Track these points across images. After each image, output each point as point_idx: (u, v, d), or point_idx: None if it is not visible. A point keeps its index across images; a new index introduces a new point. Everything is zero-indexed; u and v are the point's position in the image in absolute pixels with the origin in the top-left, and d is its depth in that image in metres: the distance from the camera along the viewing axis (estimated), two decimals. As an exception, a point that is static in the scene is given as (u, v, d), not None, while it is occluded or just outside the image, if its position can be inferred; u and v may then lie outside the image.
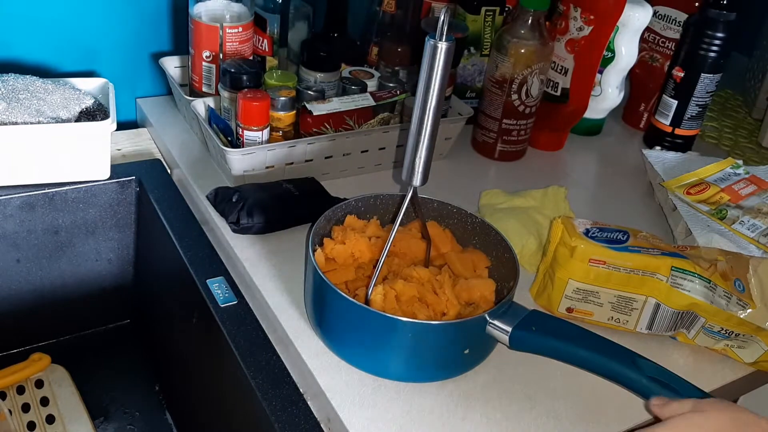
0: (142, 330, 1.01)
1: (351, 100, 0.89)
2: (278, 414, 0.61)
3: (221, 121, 0.87)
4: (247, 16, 0.93)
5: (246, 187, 0.82)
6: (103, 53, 0.99)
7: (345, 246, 0.69)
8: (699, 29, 1.01)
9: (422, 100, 0.58)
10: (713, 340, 0.69)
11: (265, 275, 0.74)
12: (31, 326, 0.95)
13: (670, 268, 0.68)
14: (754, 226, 0.83)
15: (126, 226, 0.94)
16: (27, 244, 0.89)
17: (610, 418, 0.63)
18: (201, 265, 0.77)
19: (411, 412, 0.61)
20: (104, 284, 0.98)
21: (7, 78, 0.82)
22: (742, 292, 0.68)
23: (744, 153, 1.17)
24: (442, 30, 0.55)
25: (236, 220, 0.78)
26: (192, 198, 0.87)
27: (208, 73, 0.93)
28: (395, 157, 0.95)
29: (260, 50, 0.98)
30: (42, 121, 0.80)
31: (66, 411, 0.85)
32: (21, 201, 0.85)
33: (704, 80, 1.03)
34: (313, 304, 0.67)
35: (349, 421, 0.60)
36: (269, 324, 0.71)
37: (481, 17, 1.02)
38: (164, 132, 0.97)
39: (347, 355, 0.65)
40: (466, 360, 0.65)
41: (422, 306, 0.65)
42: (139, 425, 0.90)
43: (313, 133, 0.87)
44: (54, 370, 0.90)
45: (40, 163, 0.83)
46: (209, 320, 0.71)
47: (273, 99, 0.84)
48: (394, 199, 0.75)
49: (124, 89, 1.02)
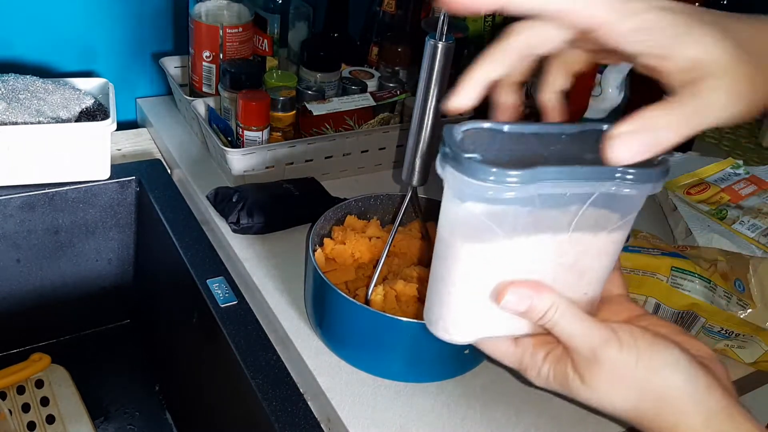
0: (142, 330, 1.01)
1: (351, 100, 0.89)
2: (278, 414, 0.61)
3: (221, 121, 0.87)
4: (247, 16, 0.93)
5: (246, 187, 0.82)
6: (103, 53, 0.99)
7: (345, 246, 0.69)
8: (699, 29, 1.01)
9: (422, 100, 0.58)
10: (713, 340, 0.69)
11: (265, 275, 0.74)
12: (31, 326, 0.95)
13: (670, 268, 0.68)
14: (754, 226, 0.83)
15: (126, 226, 0.94)
16: (27, 244, 0.89)
17: (610, 418, 0.63)
18: (201, 265, 0.77)
19: (411, 412, 0.61)
20: (104, 284, 0.98)
21: (7, 78, 0.82)
22: (742, 292, 0.68)
23: (744, 153, 1.17)
24: (442, 30, 0.55)
25: (236, 220, 0.78)
26: (192, 198, 0.87)
27: (208, 73, 0.93)
28: (395, 157, 0.95)
29: (260, 50, 0.98)
30: (42, 121, 0.80)
31: (66, 411, 0.85)
32: (21, 201, 0.85)
33: (704, 80, 1.02)
34: (313, 304, 0.67)
35: (349, 421, 0.60)
36: (269, 324, 0.71)
37: (481, 17, 1.02)
38: (164, 132, 0.97)
39: (347, 355, 0.65)
40: (466, 360, 0.65)
41: (422, 306, 0.65)
42: (139, 425, 0.90)
43: (313, 133, 0.87)
44: (54, 370, 0.90)
45: (40, 163, 0.83)
46: (209, 320, 0.71)
47: (273, 99, 0.84)
48: (394, 199, 0.75)
49: (124, 89, 1.02)
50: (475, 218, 0.39)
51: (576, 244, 0.42)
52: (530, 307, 0.42)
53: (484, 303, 0.43)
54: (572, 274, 0.43)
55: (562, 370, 0.44)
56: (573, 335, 0.42)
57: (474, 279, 0.42)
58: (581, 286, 0.44)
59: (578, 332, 0.42)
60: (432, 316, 0.46)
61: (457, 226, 0.41)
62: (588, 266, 0.43)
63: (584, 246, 0.42)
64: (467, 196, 0.39)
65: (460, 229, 0.41)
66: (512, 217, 0.39)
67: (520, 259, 0.42)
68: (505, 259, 0.41)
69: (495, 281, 0.42)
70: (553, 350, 0.45)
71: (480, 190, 0.37)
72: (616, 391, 0.42)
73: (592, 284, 0.44)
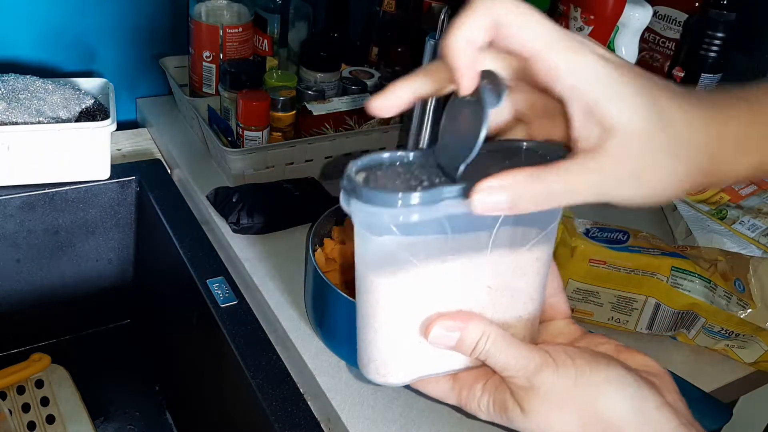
0: (142, 330, 1.01)
1: (351, 100, 0.89)
2: (278, 414, 0.61)
3: (221, 121, 0.87)
4: (247, 16, 0.93)
5: (246, 187, 0.82)
6: (103, 53, 0.99)
7: (345, 246, 0.69)
8: (699, 29, 1.01)
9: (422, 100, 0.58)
10: (713, 340, 0.69)
11: (265, 275, 0.74)
12: (31, 326, 0.95)
13: (670, 268, 0.68)
14: (754, 226, 0.83)
15: (126, 226, 0.94)
16: (27, 244, 0.89)
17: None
18: (201, 265, 0.77)
19: (411, 412, 0.61)
20: (104, 284, 0.98)
21: (7, 78, 0.82)
22: (742, 292, 0.68)
23: (744, 153, 1.17)
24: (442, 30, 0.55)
25: (236, 220, 0.78)
26: (192, 198, 0.87)
27: (208, 73, 0.93)
28: (395, 157, 0.94)
29: (260, 50, 0.98)
30: (42, 121, 0.80)
31: (66, 411, 0.85)
32: (21, 201, 0.85)
33: (704, 80, 1.03)
34: (313, 304, 0.67)
35: (349, 421, 0.60)
36: (269, 324, 0.71)
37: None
38: (164, 132, 0.97)
39: (347, 355, 0.65)
40: (466, 360, 0.65)
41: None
42: (139, 425, 0.90)
43: (313, 133, 0.87)
44: (54, 370, 0.90)
45: (40, 163, 0.83)
46: (209, 320, 0.71)
47: (273, 99, 0.84)
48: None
49: (124, 89, 1.02)
50: (387, 250, 0.37)
51: (498, 266, 0.39)
52: (460, 340, 0.39)
53: (414, 339, 0.40)
54: (504, 297, 0.41)
55: (501, 399, 0.40)
56: (507, 364, 0.39)
57: (398, 314, 0.40)
58: (516, 309, 0.41)
59: (512, 360, 0.39)
60: (363, 358, 0.42)
61: (372, 261, 0.38)
62: (517, 287, 0.41)
63: (507, 266, 0.40)
64: (375, 227, 0.37)
65: (374, 264, 0.38)
66: (424, 244, 0.37)
67: (444, 289, 0.39)
68: (428, 290, 0.39)
69: (422, 315, 0.40)
70: (491, 379, 0.41)
71: (386, 218, 0.35)
72: (555, 417, 0.38)
73: (527, 305, 0.42)
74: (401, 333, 0.40)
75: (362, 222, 0.37)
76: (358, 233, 0.38)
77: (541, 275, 0.41)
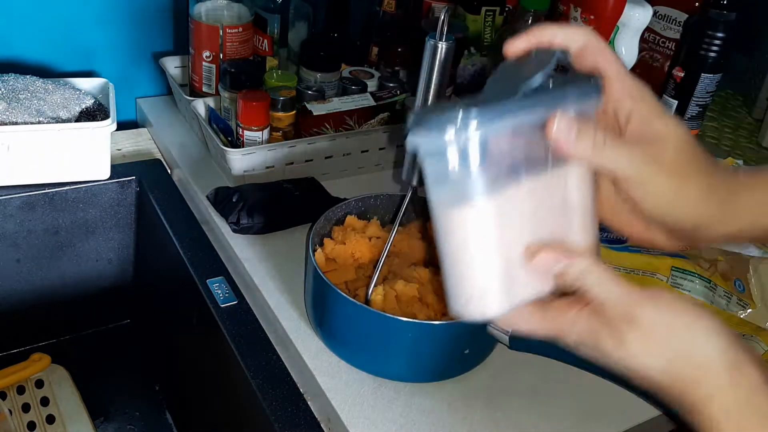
0: (142, 330, 1.01)
1: (351, 100, 0.89)
2: (278, 414, 0.61)
3: (221, 121, 0.87)
4: (247, 16, 0.93)
5: (246, 187, 0.82)
6: (103, 53, 0.99)
7: (345, 246, 0.69)
8: (699, 29, 1.01)
9: (422, 100, 0.58)
10: (713, 340, 0.69)
11: (265, 275, 0.74)
12: (31, 326, 0.95)
13: (670, 268, 0.68)
14: (754, 226, 0.83)
15: (126, 226, 0.94)
16: (27, 244, 0.89)
17: (610, 418, 0.63)
18: (201, 265, 0.77)
19: (411, 412, 0.61)
20: (104, 284, 0.98)
21: (7, 78, 0.82)
22: (742, 292, 0.68)
23: (744, 153, 1.17)
24: (442, 30, 0.55)
25: (236, 220, 0.78)
26: (192, 198, 0.87)
27: (208, 73, 0.93)
28: (395, 157, 0.95)
29: (260, 50, 0.98)
30: (42, 121, 0.80)
31: (66, 411, 0.85)
32: (21, 201, 0.85)
33: (704, 80, 1.03)
34: (313, 304, 0.67)
35: (349, 421, 0.60)
36: (269, 324, 0.71)
37: (481, 17, 1.02)
38: (164, 132, 0.97)
39: (347, 355, 0.65)
40: (466, 360, 0.65)
41: (422, 306, 0.65)
42: (139, 425, 0.90)
43: (313, 133, 0.87)
44: (54, 370, 0.90)
45: (40, 163, 0.83)
46: (209, 320, 0.71)
47: (273, 99, 0.84)
48: (394, 199, 0.75)
49: (124, 89, 1.02)
50: (464, 180, 0.40)
51: (558, 178, 0.43)
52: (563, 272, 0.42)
53: (504, 264, 0.42)
54: (565, 216, 0.45)
55: (594, 329, 0.42)
56: (609, 297, 0.41)
57: (486, 241, 0.42)
58: (582, 228, 0.45)
59: (613, 295, 0.41)
60: (460, 300, 0.44)
61: (452, 195, 0.41)
62: (576, 202, 0.44)
63: (566, 178, 0.44)
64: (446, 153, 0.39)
65: (456, 198, 0.41)
66: (497, 167, 0.40)
67: (521, 208, 0.42)
68: (508, 213, 0.42)
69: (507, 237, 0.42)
70: (586, 307, 0.43)
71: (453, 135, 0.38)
72: (651, 350, 0.41)
73: (587, 222, 0.46)
74: (492, 259, 0.42)
75: (433, 150, 0.40)
76: (431, 176, 0.41)
77: (591, 184, 0.45)
